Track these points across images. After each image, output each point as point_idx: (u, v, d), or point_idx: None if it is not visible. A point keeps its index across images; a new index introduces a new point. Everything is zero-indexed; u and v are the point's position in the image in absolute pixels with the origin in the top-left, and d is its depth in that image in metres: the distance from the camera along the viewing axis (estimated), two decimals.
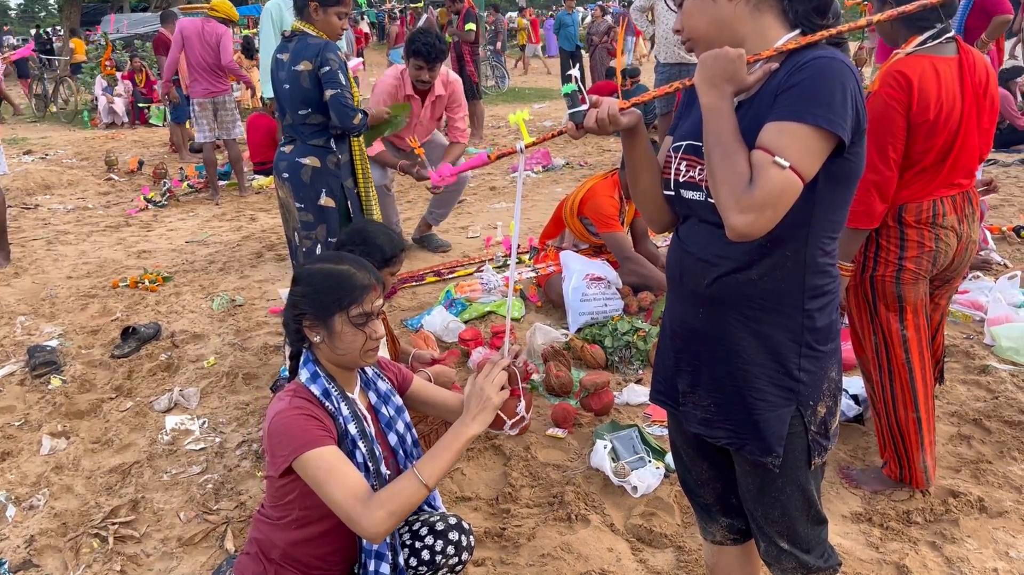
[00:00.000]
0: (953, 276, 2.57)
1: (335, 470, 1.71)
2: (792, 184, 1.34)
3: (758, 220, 1.34)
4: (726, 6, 1.46)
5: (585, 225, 4.39)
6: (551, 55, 21.48)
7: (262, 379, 3.72)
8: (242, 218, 6.92)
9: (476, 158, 1.91)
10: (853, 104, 1.38)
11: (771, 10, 1.47)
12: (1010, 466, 2.84)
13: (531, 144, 1.70)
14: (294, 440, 1.74)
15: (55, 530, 2.71)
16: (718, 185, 1.38)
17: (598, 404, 3.24)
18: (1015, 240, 5.15)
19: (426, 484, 1.71)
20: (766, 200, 1.33)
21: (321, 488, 1.72)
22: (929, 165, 2.37)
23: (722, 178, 1.37)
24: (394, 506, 1.69)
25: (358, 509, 1.68)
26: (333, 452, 1.75)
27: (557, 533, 2.55)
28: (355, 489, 1.71)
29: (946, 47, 2.36)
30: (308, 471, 1.73)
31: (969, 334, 3.88)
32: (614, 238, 4.25)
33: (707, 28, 1.49)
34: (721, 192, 1.37)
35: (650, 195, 1.65)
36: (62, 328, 4.43)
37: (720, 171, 1.38)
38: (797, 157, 1.33)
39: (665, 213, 1.67)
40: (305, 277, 1.88)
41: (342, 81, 3.53)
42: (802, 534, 1.62)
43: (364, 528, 1.68)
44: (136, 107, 13.34)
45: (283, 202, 3.85)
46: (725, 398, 1.55)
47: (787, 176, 1.33)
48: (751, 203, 1.33)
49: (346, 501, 1.69)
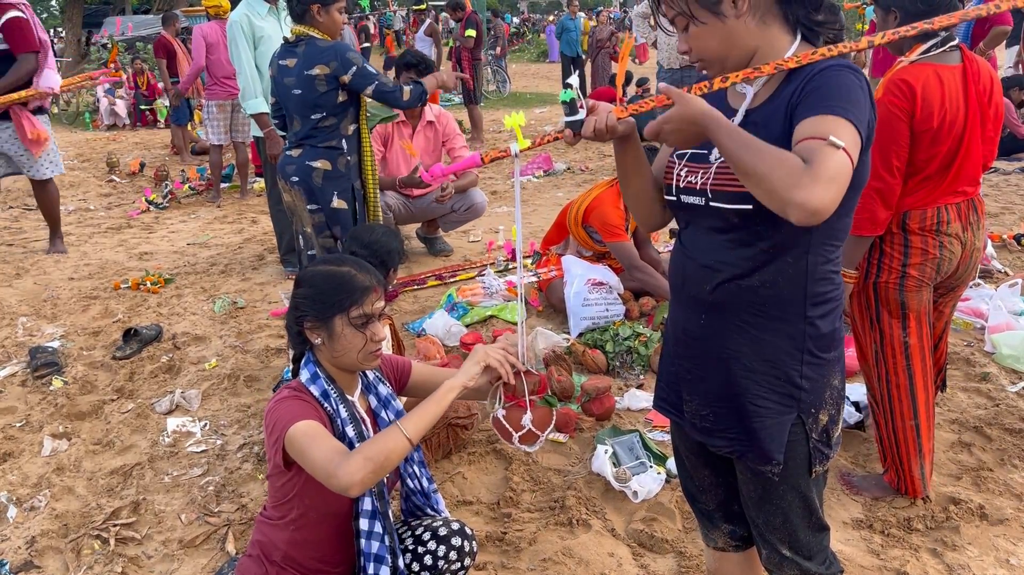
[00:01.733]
0: (958, 284, 2.57)
1: (318, 436, 1.70)
2: (847, 164, 1.28)
3: (827, 192, 1.24)
4: (735, 24, 1.45)
5: (589, 233, 4.40)
6: (552, 60, 21.52)
7: (263, 381, 3.72)
8: (243, 220, 6.93)
9: (469, 159, 1.92)
10: (870, 111, 1.38)
11: (775, 19, 1.47)
12: (1011, 474, 2.84)
13: (526, 148, 1.70)
14: (282, 419, 1.74)
15: (56, 531, 2.71)
16: (767, 175, 1.27)
17: (599, 409, 3.25)
18: (1015, 248, 5.15)
19: (408, 437, 1.71)
20: (831, 174, 1.25)
21: (304, 455, 1.69)
22: (933, 173, 2.37)
23: (768, 168, 1.28)
24: (371, 452, 1.67)
25: (336, 460, 1.65)
26: (317, 425, 1.74)
27: (558, 538, 2.55)
28: (336, 447, 1.70)
29: (950, 55, 2.37)
30: (295, 443, 1.71)
31: (970, 341, 3.88)
32: (622, 248, 4.26)
33: (718, 48, 1.48)
34: (774, 179, 1.27)
35: (640, 197, 1.68)
36: (64, 329, 4.43)
37: (763, 164, 1.28)
38: (847, 141, 1.29)
39: (654, 214, 1.70)
40: (307, 279, 1.89)
41: (371, 71, 3.60)
42: (804, 541, 1.62)
43: (340, 477, 1.63)
44: (138, 109, 13.36)
45: (288, 206, 3.86)
46: (726, 405, 1.55)
47: (842, 156, 1.27)
48: (817, 176, 1.24)
49: (325, 456, 1.66)
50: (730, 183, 1.44)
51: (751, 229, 1.45)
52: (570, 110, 1.53)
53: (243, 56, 4.93)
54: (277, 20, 5.01)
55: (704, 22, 1.45)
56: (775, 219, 1.40)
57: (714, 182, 1.47)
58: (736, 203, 1.43)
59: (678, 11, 1.47)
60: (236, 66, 5.04)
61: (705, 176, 1.49)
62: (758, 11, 1.45)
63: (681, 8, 1.46)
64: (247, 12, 4.96)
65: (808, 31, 1.49)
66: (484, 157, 1.83)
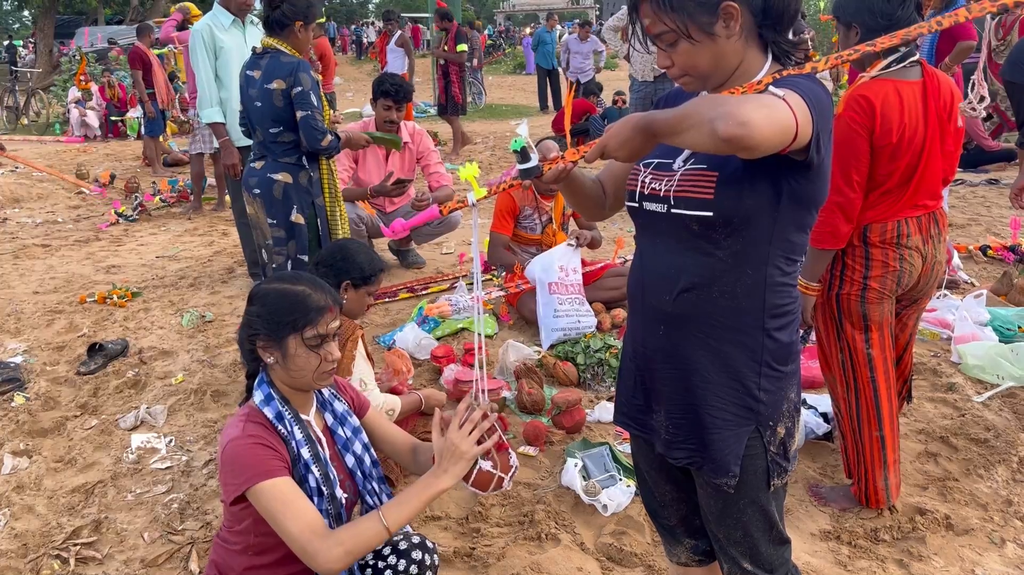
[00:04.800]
0: (920, 297, 2.60)
1: (290, 503, 1.70)
2: (784, 107, 1.27)
3: (757, 110, 1.23)
4: (725, 43, 1.46)
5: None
6: (528, 72, 21.62)
7: (231, 396, 3.67)
8: (214, 233, 6.87)
9: (427, 212, 1.98)
10: (828, 108, 1.40)
11: (754, 40, 1.49)
12: (976, 483, 2.87)
13: (483, 198, 1.73)
14: (247, 470, 1.72)
15: (15, 551, 2.65)
16: (700, 111, 1.27)
17: (570, 422, 3.24)
18: (981, 259, 5.23)
19: (388, 528, 1.72)
20: (764, 101, 1.26)
21: (275, 520, 1.70)
22: (893, 187, 2.40)
23: (703, 106, 1.27)
24: (353, 546, 1.70)
25: (315, 543, 1.67)
26: (287, 484, 1.73)
27: (527, 552, 2.54)
28: (311, 523, 1.69)
29: (910, 71, 2.40)
30: (262, 502, 1.71)
31: (936, 352, 3.92)
32: (495, 236, 4.67)
33: (706, 65, 1.48)
34: (703, 109, 1.27)
35: (585, 204, 1.77)
36: (27, 344, 4.35)
37: (697, 107, 1.29)
38: (792, 100, 1.29)
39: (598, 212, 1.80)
40: (260, 296, 1.86)
41: (313, 102, 3.53)
42: (765, 555, 1.62)
43: (320, 564, 1.67)
44: (109, 120, 13.22)
45: (251, 218, 3.83)
46: (684, 417, 1.55)
47: (780, 102, 1.28)
48: (747, 99, 1.26)
49: (302, 534, 1.68)
50: (692, 189, 1.45)
51: (711, 238, 1.46)
52: (522, 158, 1.55)
53: (200, 65, 4.95)
54: (241, 33, 5.02)
55: (697, 41, 1.46)
56: (735, 227, 1.41)
57: (677, 188, 1.48)
58: (697, 209, 1.44)
59: (669, 29, 1.46)
60: (195, 74, 5.04)
61: (669, 183, 1.50)
62: (743, 32, 1.47)
63: (675, 27, 1.45)
64: (210, 23, 4.98)
65: (781, 52, 1.51)
66: (443, 209, 1.86)
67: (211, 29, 4.95)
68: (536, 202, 4.64)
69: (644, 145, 1.41)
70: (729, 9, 1.42)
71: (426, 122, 12.61)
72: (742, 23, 1.45)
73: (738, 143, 1.22)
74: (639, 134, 1.39)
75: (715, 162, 1.44)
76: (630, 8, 1.52)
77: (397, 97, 4.98)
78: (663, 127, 1.35)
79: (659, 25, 1.46)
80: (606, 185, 1.78)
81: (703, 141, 1.28)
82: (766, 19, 1.46)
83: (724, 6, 1.42)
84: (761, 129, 1.22)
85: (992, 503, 2.76)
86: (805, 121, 1.30)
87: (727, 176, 1.43)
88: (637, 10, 1.50)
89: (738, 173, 1.42)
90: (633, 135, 1.40)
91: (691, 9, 1.42)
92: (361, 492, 1.96)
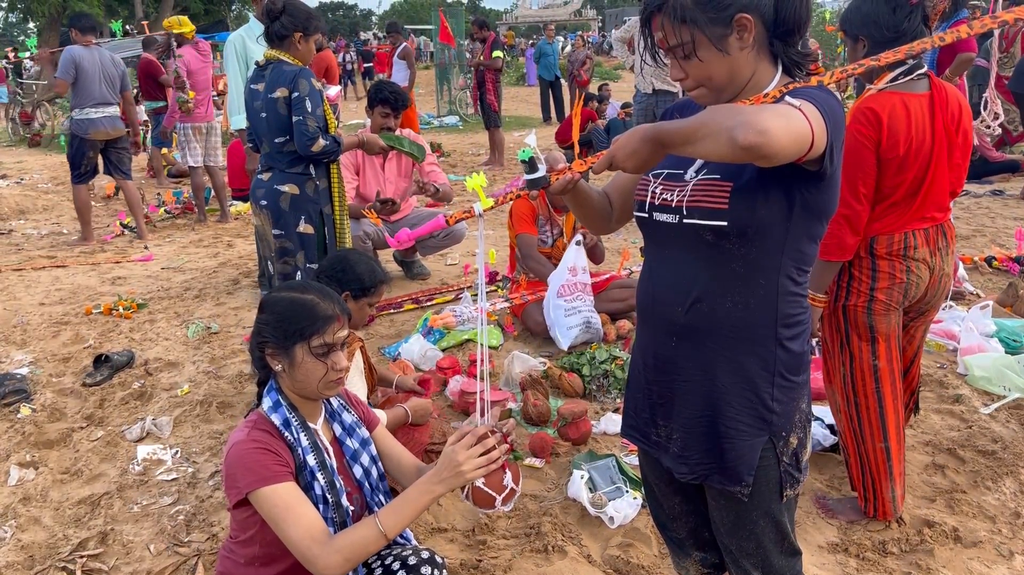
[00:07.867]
0: (928, 308, 2.59)
1: (292, 509, 1.71)
2: (800, 116, 1.28)
3: (774, 119, 1.23)
4: (739, 55, 1.47)
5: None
6: (531, 84, 21.68)
7: (236, 408, 3.67)
8: (219, 244, 6.88)
9: (433, 222, 1.99)
10: (840, 119, 1.41)
11: (765, 52, 1.50)
12: (984, 495, 2.86)
13: (489, 208, 1.76)
14: (250, 474, 1.73)
15: (22, 563, 2.65)
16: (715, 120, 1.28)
17: (576, 433, 3.23)
18: (987, 270, 5.23)
19: (385, 534, 1.73)
20: (780, 110, 1.27)
21: (278, 526, 1.71)
22: (900, 199, 2.40)
23: (718, 115, 1.29)
24: (351, 553, 1.71)
25: (315, 550, 1.69)
26: (290, 489, 1.74)
27: (533, 565, 2.53)
28: (312, 529, 1.71)
29: (918, 83, 2.40)
30: (265, 507, 1.72)
31: (942, 363, 3.92)
32: (524, 239, 4.55)
33: (721, 77, 1.49)
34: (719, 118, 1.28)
35: (592, 216, 1.78)
36: (33, 356, 4.36)
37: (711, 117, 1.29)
38: (807, 110, 1.30)
39: (604, 225, 1.81)
40: (269, 305, 1.88)
41: (307, 107, 3.53)
42: (777, 566, 1.62)
43: (319, 569, 1.69)
44: None
45: (258, 229, 3.84)
46: (698, 429, 1.55)
47: (796, 111, 1.28)
48: (764, 107, 1.27)
49: (302, 541, 1.69)
50: (706, 199, 1.46)
51: (724, 248, 1.46)
52: (530, 168, 1.57)
53: (230, 74, 5.05)
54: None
55: (711, 52, 1.47)
56: (748, 237, 1.41)
57: (690, 198, 1.48)
58: (711, 219, 1.45)
59: (683, 41, 1.47)
60: (229, 85, 5.17)
61: (681, 194, 1.50)
62: (755, 44, 1.48)
63: (689, 39, 1.46)
64: (243, 34, 5.12)
65: (791, 64, 1.52)
66: (449, 219, 1.88)
67: (243, 40, 5.07)
68: (549, 213, 4.63)
69: (652, 156, 1.42)
70: (743, 21, 1.43)
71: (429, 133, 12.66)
72: (755, 35, 1.46)
73: (757, 151, 1.23)
74: (647, 145, 1.40)
75: (729, 172, 1.45)
76: (642, 22, 1.53)
77: (395, 104, 4.99)
78: (675, 137, 1.35)
79: (673, 38, 1.47)
80: (612, 197, 1.78)
81: (720, 150, 1.28)
82: (778, 30, 1.47)
83: (738, 18, 1.43)
84: (779, 138, 1.23)
85: (1000, 515, 2.75)
86: (820, 131, 1.31)
87: (741, 186, 1.43)
88: (650, 23, 1.51)
89: (752, 183, 1.42)
90: (641, 146, 1.41)
91: (705, 21, 1.43)
92: (369, 503, 1.95)
